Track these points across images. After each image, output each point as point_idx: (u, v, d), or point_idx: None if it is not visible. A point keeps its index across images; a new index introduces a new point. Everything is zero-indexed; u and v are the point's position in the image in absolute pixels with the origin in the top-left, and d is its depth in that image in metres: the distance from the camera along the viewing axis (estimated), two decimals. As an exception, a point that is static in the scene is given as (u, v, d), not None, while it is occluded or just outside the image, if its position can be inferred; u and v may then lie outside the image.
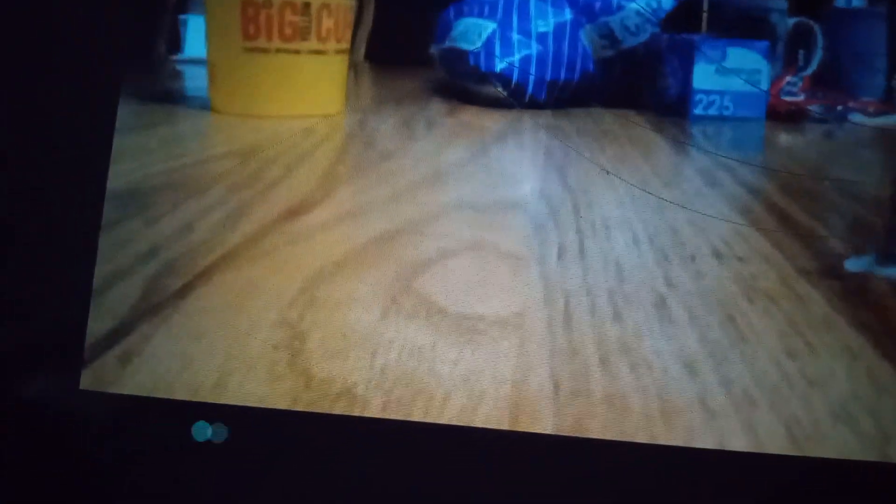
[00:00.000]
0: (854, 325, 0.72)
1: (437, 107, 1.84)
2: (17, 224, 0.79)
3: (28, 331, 0.74)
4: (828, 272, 0.83)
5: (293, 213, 0.91)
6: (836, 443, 0.59)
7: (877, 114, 1.44)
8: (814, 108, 1.66)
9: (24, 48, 0.84)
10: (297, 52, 1.49)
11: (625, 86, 1.85)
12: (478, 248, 0.82)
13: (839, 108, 1.76)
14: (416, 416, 0.65)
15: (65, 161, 0.83)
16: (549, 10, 1.77)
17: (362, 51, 2.61)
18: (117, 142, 0.86)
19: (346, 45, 1.53)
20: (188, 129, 1.38)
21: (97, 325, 0.74)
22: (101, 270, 0.76)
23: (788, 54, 1.89)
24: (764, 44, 1.76)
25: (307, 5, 1.49)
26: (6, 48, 0.84)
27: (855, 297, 0.78)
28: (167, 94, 1.51)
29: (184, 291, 0.77)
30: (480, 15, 1.82)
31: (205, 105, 1.58)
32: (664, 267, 0.76)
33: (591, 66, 1.82)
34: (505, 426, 0.63)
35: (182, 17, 1.59)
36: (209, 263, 0.75)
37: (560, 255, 0.80)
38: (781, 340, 0.64)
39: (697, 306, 0.68)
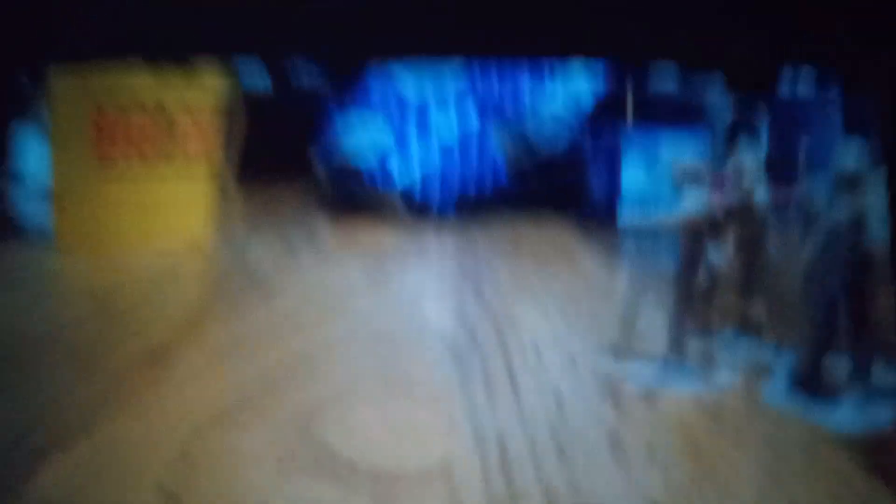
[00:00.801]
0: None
1: (323, 222, 1.57)
2: None
3: None
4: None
5: (159, 358, 0.64)
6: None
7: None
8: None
9: None
10: (160, 175, 1.20)
11: (543, 196, 1.58)
12: (385, 384, 0.56)
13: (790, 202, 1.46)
14: None
15: None
16: (454, 118, 1.51)
17: (234, 169, 2.31)
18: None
19: (214, 160, 1.25)
20: (30, 273, 1.13)
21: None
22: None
23: (729, 142, 1.61)
24: (700, 131, 1.49)
25: (161, 107, 1.20)
26: None
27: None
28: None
29: (37, 465, 0.56)
30: (373, 122, 1.55)
31: (45, 238, 1.28)
32: (612, 393, 0.54)
33: (504, 180, 1.55)
34: None
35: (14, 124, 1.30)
36: (64, 429, 0.53)
37: (487, 386, 0.54)
38: (757, 482, 0.47)
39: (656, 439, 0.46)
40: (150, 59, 1.35)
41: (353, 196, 1.54)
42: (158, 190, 1.31)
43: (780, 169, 1.70)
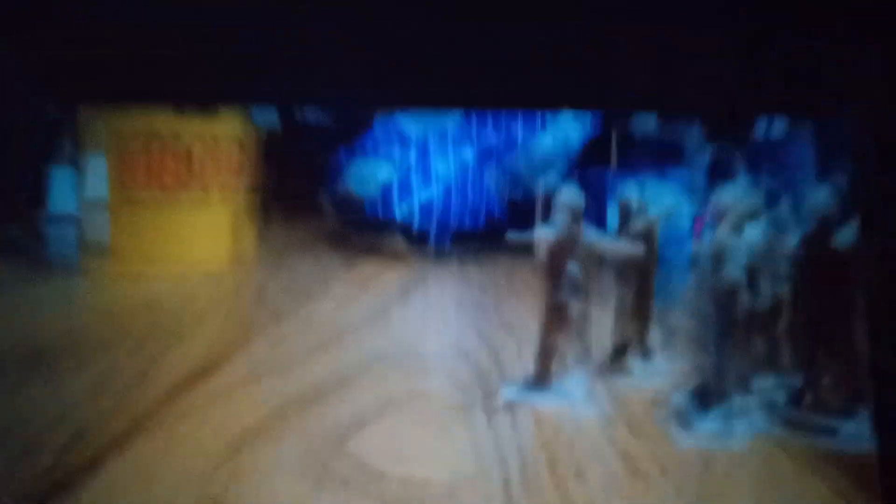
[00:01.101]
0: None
1: (329, 260, 1.66)
2: None
3: None
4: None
5: (205, 371, 0.84)
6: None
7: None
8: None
9: None
10: (178, 203, 1.31)
11: (535, 228, 1.67)
12: (416, 398, 0.65)
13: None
14: None
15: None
16: (450, 149, 1.60)
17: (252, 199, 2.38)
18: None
19: (231, 190, 1.35)
20: (75, 285, 1.22)
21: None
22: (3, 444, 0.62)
23: (710, 183, 1.73)
24: (683, 174, 1.59)
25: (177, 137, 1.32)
26: None
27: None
28: (32, 252, 1.33)
29: (94, 465, 0.63)
30: (376, 157, 1.64)
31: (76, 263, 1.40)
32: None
33: (497, 211, 1.64)
34: None
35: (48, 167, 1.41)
36: (119, 432, 0.61)
37: (489, 420, 0.63)
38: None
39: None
40: (173, 102, 1.40)
41: (356, 225, 1.58)
42: (176, 217, 1.35)
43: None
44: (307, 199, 1.93)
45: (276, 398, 0.72)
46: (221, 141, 1.37)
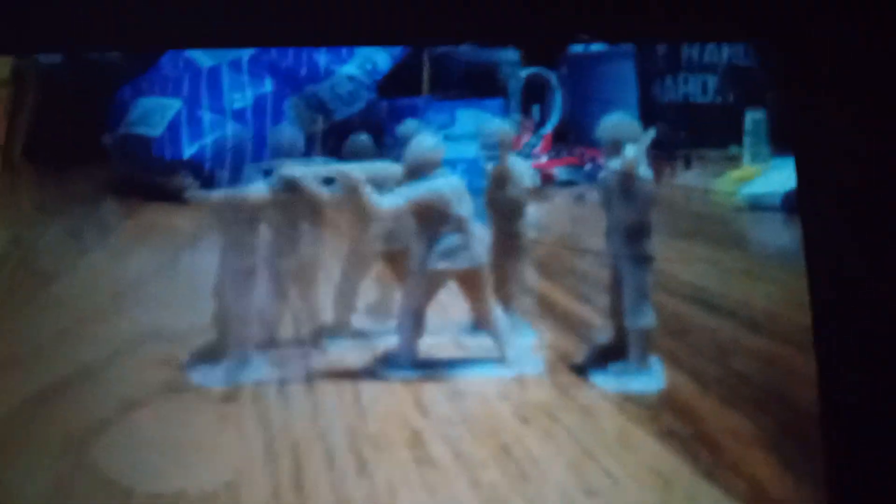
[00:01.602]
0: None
1: (112, 208, 1.51)
2: None
3: None
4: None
5: None
6: None
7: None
8: (558, 170, 1.38)
9: None
10: None
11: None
12: (174, 392, 0.52)
13: (588, 166, 1.49)
14: None
15: None
16: (246, 80, 1.48)
17: (19, 147, 2.22)
18: None
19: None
20: None
21: None
22: None
23: (524, 111, 1.63)
24: (496, 102, 1.51)
25: None
26: None
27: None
28: None
29: None
30: (164, 93, 1.50)
31: None
32: (415, 392, 0.67)
33: (300, 144, 1.53)
34: None
35: None
36: None
37: (280, 391, 0.52)
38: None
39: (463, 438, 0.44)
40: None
41: (141, 168, 1.45)
42: None
43: (578, 130, 1.69)
44: (88, 144, 1.78)
45: (9, 395, 0.60)
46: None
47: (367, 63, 1.55)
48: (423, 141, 0.65)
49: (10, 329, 0.72)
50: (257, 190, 0.83)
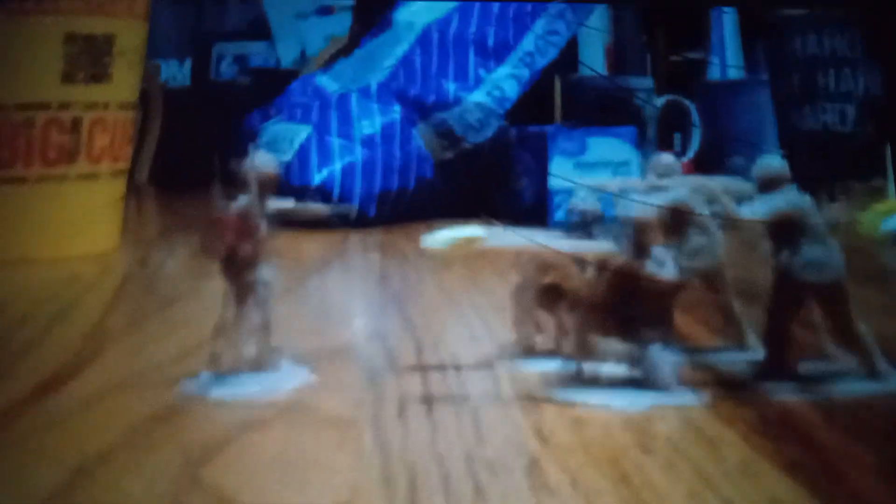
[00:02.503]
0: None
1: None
2: None
3: None
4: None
5: (48, 387, 0.65)
6: None
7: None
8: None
9: None
10: (62, 178, 1.14)
11: (471, 191, 1.53)
12: (291, 413, 0.59)
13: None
14: None
15: None
16: (375, 107, 1.47)
17: (146, 172, 2.23)
18: None
19: (124, 164, 1.19)
20: None
21: None
22: None
23: (661, 139, 1.58)
24: (630, 130, 1.47)
25: (77, 121, 1.15)
26: None
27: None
28: None
29: None
30: (292, 118, 1.50)
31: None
32: (534, 418, 0.56)
33: (428, 171, 1.50)
34: None
35: None
36: None
37: (400, 414, 0.58)
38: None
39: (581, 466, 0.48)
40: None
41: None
42: (58, 195, 1.18)
43: (717, 158, 1.65)
44: (213, 169, 1.77)
45: (130, 414, 0.58)
46: (114, 103, 1.21)
47: (495, 90, 1.53)
48: (771, 159, 0.63)
49: (130, 349, 0.71)
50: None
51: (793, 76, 1.56)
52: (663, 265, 0.60)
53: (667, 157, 0.69)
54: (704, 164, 1.64)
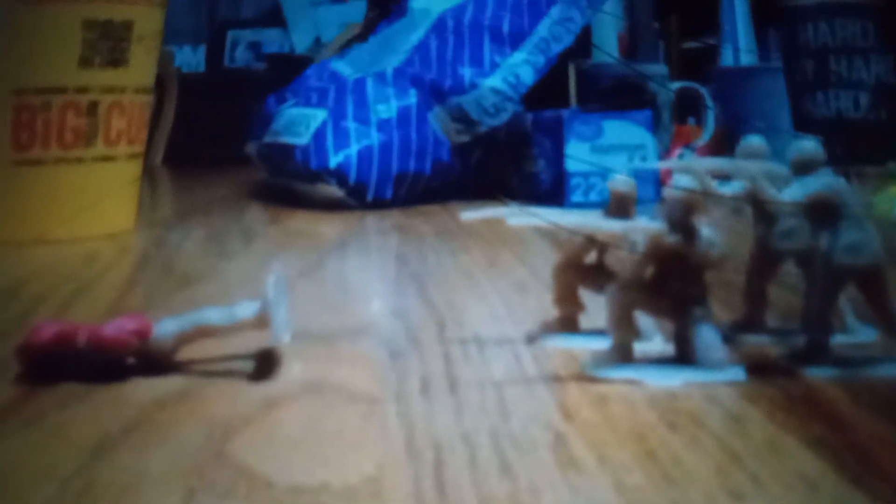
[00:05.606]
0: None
1: (256, 214, 1.50)
2: None
3: None
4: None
5: None
6: None
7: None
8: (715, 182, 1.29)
9: None
10: (79, 160, 1.15)
11: (487, 174, 1.53)
12: (316, 390, 0.59)
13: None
14: None
15: None
16: (391, 92, 1.47)
17: (161, 153, 2.24)
18: None
19: (139, 147, 1.19)
20: None
21: None
22: None
23: (676, 123, 1.58)
24: (645, 113, 1.47)
25: (94, 105, 1.16)
26: None
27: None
28: None
29: None
30: (308, 103, 1.50)
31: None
32: (559, 395, 0.57)
33: (444, 155, 1.51)
34: None
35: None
36: None
37: (424, 391, 0.58)
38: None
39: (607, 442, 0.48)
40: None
41: (284, 174, 1.44)
42: (76, 176, 1.19)
43: (732, 142, 1.65)
44: (227, 152, 1.78)
45: (146, 393, 0.58)
46: (130, 88, 1.21)
47: (510, 76, 1.53)
48: (806, 142, 0.62)
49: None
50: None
51: (806, 63, 1.56)
52: (713, 245, 0.60)
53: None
54: (717, 150, 1.64)
